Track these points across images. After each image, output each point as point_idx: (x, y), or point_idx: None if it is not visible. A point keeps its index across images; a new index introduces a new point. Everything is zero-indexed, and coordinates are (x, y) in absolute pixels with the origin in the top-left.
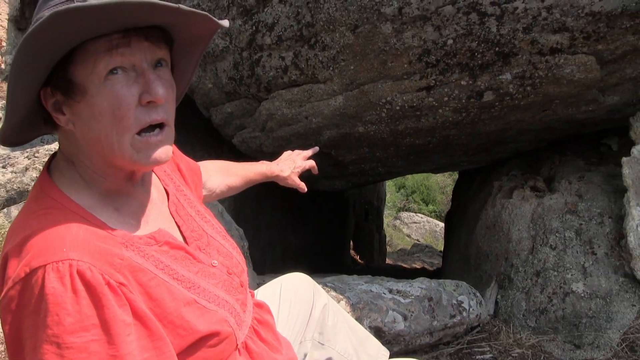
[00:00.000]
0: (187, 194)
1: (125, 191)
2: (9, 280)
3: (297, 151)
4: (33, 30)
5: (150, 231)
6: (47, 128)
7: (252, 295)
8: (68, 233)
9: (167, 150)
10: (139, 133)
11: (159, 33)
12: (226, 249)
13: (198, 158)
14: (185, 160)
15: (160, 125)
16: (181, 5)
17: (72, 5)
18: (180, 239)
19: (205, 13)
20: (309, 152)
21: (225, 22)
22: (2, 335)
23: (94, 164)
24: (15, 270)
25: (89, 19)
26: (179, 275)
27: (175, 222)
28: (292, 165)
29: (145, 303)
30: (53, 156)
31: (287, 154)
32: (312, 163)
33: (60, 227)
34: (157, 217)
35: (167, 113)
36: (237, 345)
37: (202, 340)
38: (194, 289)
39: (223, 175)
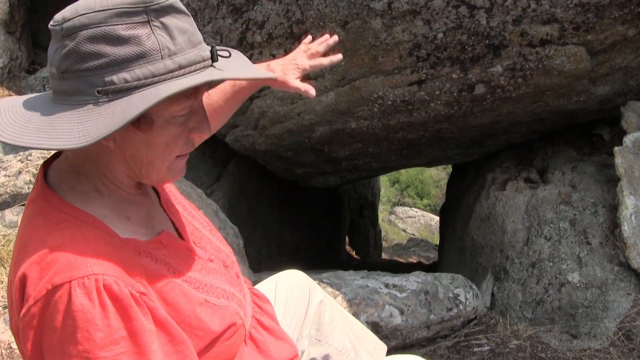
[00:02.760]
0: (170, 189)
1: (134, 199)
2: (30, 298)
3: (308, 44)
4: (171, 95)
5: (156, 234)
6: None
7: (249, 284)
8: (88, 247)
9: (185, 166)
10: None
11: None
12: (215, 243)
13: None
14: None
15: None
16: (262, 74)
17: (224, 75)
18: (177, 235)
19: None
20: (330, 41)
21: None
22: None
23: (115, 174)
24: (37, 287)
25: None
26: (188, 277)
27: (170, 218)
28: (290, 67)
29: (164, 308)
30: (46, 165)
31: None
32: (319, 62)
33: (79, 241)
34: (159, 219)
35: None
36: (245, 336)
37: (219, 337)
38: (203, 288)
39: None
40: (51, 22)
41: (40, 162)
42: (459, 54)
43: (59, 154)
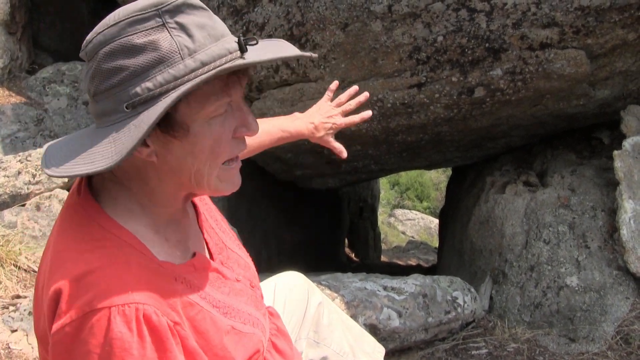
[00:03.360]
0: (207, 201)
1: (176, 217)
2: (64, 314)
3: (339, 98)
4: (204, 77)
5: (189, 257)
6: None
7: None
8: (130, 272)
9: (240, 176)
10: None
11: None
12: (244, 259)
13: None
14: None
15: None
16: (307, 53)
17: (249, 61)
18: (208, 255)
19: (311, 54)
20: (362, 98)
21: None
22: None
23: (164, 191)
24: (73, 306)
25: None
26: (217, 301)
27: (204, 237)
28: (327, 125)
29: (194, 337)
30: (91, 176)
31: (329, 104)
32: (353, 120)
33: (120, 264)
34: (194, 239)
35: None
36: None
37: None
38: (230, 314)
39: None
40: (81, 50)
41: (40, 162)
42: (459, 57)
43: None
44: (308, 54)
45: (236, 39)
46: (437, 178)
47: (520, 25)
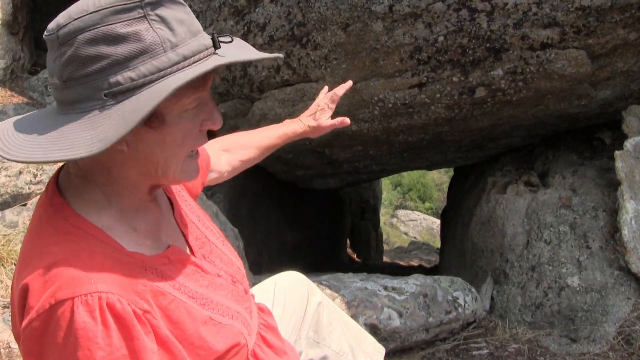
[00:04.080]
0: (186, 198)
1: (143, 207)
2: (32, 310)
3: (325, 90)
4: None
5: (164, 249)
6: None
7: (253, 299)
8: (93, 262)
9: (198, 166)
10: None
11: None
12: (227, 255)
13: None
14: None
15: None
16: (273, 55)
17: (230, 60)
18: (187, 249)
19: (278, 55)
20: (340, 92)
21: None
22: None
23: (127, 180)
24: (39, 300)
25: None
26: (193, 293)
27: (181, 230)
28: (315, 116)
29: (167, 326)
30: (60, 169)
31: (316, 103)
32: (339, 120)
33: (84, 255)
34: (168, 230)
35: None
36: (248, 355)
37: (221, 358)
38: (208, 305)
39: (233, 151)
40: (45, 32)
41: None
42: (460, 57)
43: None
44: (273, 55)
45: (210, 36)
46: (440, 179)
47: (521, 25)
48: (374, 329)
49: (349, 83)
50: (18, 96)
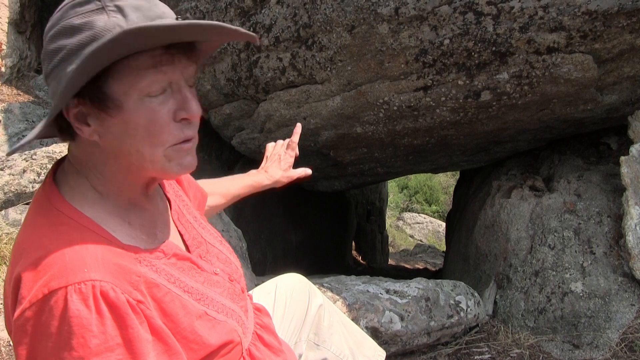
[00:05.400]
0: (185, 199)
1: (138, 203)
2: (24, 300)
3: (280, 142)
4: (101, 46)
5: (159, 244)
6: (61, 137)
7: (251, 299)
8: (87, 252)
9: (195, 158)
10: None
11: (194, 49)
12: (224, 254)
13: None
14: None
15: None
16: (239, 28)
17: (145, 24)
18: (183, 247)
19: (249, 33)
20: (295, 138)
21: (255, 36)
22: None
23: (114, 175)
24: (32, 290)
25: (146, 37)
26: (189, 287)
27: (178, 230)
28: (278, 165)
29: (161, 319)
30: (57, 165)
31: (271, 151)
32: (302, 171)
33: (77, 245)
34: (163, 228)
35: (197, 128)
36: (243, 353)
37: (214, 353)
38: (204, 300)
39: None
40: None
41: (45, 161)
42: (465, 60)
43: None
44: (247, 32)
45: (174, 19)
46: (446, 182)
47: (527, 29)
48: (375, 332)
49: (299, 126)
50: (24, 95)
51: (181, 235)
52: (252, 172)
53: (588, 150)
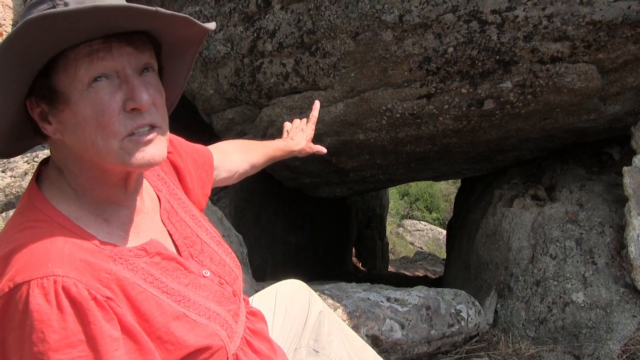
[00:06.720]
0: (181, 197)
1: (116, 200)
2: None
3: (298, 121)
4: (6, 39)
5: (141, 242)
6: (38, 138)
7: (247, 302)
8: (53, 248)
9: (160, 150)
10: (129, 135)
11: (143, 38)
12: (219, 256)
13: None
14: (189, 153)
15: (151, 125)
16: (159, 9)
17: (42, 13)
18: (173, 248)
19: (186, 16)
20: (315, 112)
21: (212, 25)
22: None
23: (85, 172)
24: (0, 284)
25: (65, 26)
26: (169, 289)
27: (167, 230)
28: (303, 135)
29: (133, 317)
30: (43, 164)
31: (292, 126)
32: (321, 147)
33: (46, 241)
34: (149, 227)
35: (154, 117)
36: (228, 358)
37: (192, 355)
38: (184, 303)
39: (244, 152)
40: None
41: None
42: (469, 68)
43: None
44: (184, 16)
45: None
46: (447, 189)
47: (531, 39)
48: (375, 341)
49: (317, 102)
50: None
51: (170, 234)
52: (278, 140)
53: (590, 160)
